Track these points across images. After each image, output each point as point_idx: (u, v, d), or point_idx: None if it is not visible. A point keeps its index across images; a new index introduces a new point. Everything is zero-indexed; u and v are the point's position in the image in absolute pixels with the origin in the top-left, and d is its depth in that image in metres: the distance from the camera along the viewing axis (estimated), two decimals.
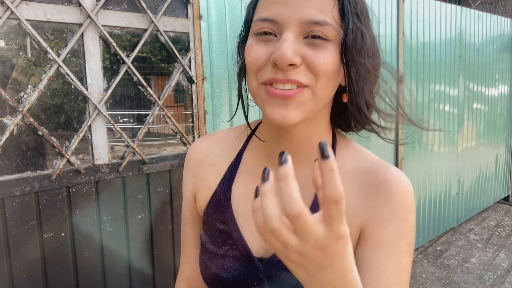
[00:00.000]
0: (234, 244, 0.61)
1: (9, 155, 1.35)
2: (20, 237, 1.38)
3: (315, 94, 0.52)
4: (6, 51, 1.31)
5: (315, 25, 0.49)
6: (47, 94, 1.40)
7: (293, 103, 0.51)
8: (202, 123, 1.81)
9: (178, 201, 1.80)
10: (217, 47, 1.83)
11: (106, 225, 1.58)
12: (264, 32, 0.51)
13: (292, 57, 0.48)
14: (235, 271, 0.60)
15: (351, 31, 0.50)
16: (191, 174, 0.71)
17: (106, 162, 1.56)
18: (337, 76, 0.53)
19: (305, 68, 0.50)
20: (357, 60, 0.51)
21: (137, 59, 1.61)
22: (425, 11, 3.11)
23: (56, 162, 1.44)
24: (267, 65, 0.51)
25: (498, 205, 4.61)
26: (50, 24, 1.38)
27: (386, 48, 2.75)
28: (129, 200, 1.64)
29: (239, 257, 0.60)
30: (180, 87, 1.76)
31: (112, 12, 1.51)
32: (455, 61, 3.53)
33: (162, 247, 1.76)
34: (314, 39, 0.49)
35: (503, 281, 2.84)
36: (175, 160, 1.75)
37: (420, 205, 3.32)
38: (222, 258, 0.61)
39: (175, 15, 1.70)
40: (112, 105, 1.57)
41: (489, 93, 4.13)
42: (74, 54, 1.45)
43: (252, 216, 0.37)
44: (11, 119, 1.32)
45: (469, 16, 3.64)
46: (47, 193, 1.42)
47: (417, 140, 3.18)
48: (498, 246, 3.47)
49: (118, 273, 1.63)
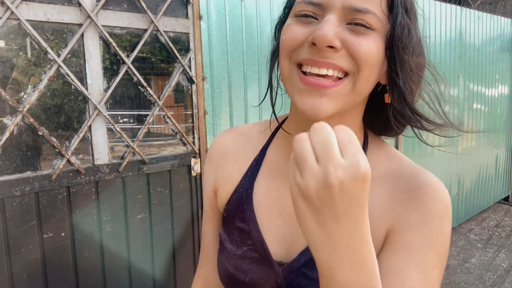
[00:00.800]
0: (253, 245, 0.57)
1: (9, 155, 1.35)
2: (20, 237, 1.38)
3: (356, 86, 0.48)
4: (6, 51, 1.32)
5: (358, 13, 0.46)
6: (47, 94, 1.41)
7: (328, 93, 0.47)
8: (202, 123, 1.81)
9: (178, 201, 1.80)
10: (217, 47, 1.83)
11: (106, 225, 1.58)
12: (306, 15, 0.48)
13: (333, 38, 0.44)
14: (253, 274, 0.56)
15: (399, 24, 0.47)
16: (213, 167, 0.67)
17: (106, 162, 1.56)
18: (380, 69, 0.49)
19: (346, 54, 0.46)
20: (402, 56, 0.48)
21: (137, 59, 1.61)
22: (425, 11, 3.11)
23: (56, 162, 1.45)
24: (303, 46, 0.48)
25: (498, 205, 4.60)
26: (50, 24, 1.39)
27: None
28: (129, 200, 1.64)
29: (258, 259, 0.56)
30: (180, 87, 1.76)
31: (112, 12, 1.51)
32: (455, 61, 3.53)
33: (162, 247, 1.76)
34: (357, 26, 0.46)
35: (503, 281, 2.85)
36: (175, 160, 1.75)
37: None
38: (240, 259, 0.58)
39: (175, 15, 1.70)
40: (112, 105, 1.57)
41: (489, 93, 4.13)
42: (74, 54, 1.45)
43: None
44: (11, 119, 1.33)
45: (469, 16, 3.64)
46: (47, 193, 1.42)
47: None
48: (498, 246, 3.47)
49: (118, 273, 1.63)
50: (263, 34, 2.00)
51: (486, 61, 3.99)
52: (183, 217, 1.82)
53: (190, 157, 1.81)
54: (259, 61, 2.00)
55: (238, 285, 0.58)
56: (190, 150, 1.82)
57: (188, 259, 1.87)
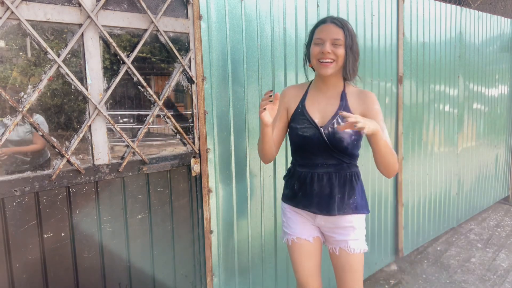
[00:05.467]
0: (307, 121, 1.52)
1: (9, 155, 1.35)
2: (20, 237, 1.38)
3: (337, 64, 1.45)
4: (6, 51, 1.32)
5: (335, 40, 1.43)
6: (47, 94, 1.41)
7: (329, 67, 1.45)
8: (202, 123, 1.81)
9: (178, 201, 1.80)
10: (217, 47, 1.83)
11: (106, 225, 1.58)
12: (318, 43, 1.45)
13: (329, 50, 1.42)
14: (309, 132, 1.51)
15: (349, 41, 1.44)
16: (286, 98, 1.61)
17: (106, 162, 1.56)
18: (343, 58, 1.45)
19: (333, 54, 1.43)
20: (350, 53, 1.45)
21: (137, 59, 1.61)
22: (425, 11, 3.11)
23: (56, 162, 1.45)
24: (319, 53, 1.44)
25: (498, 205, 4.61)
26: (50, 24, 1.39)
27: (386, 48, 2.75)
28: (129, 200, 1.64)
29: (311, 127, 1.51)
30: (180, 87, 1.76)
31: (112, 12, 1.51)
32: (455, 61, 3.53)
33: (162, 247, 1.76)
34: (336, 45, 1.43)
35: (503, 281, 2.85)
36: (175, 160, 1.75)
37: (420, 205, 3.32)
38: (303, 128, 1.52)
39: (175, 15, 1.70)
40: (112, 105, 1.57)
41: (489, 93, 4.13)
42: (74, 54, 1.45)
43: None
44: (11, 119, 1.33)
45: (469, 16, 3.64)
46: (47, 193, 1.42)
47: (417, 139, 3.18)
48: (498, 246, 3.47)
49: (118, 273, 1.63)
50: (263, 34, 2.00)
51: (486, 61, 3.99)
52: (183, 217, 1.82)
53: (190, 157, 1.81)
54: (259, 61, 2.00)
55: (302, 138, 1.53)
56: (190, 150, 1.82)
57: (188, 259, 1.87)
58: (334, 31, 1.42)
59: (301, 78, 2.19)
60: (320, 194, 1.54)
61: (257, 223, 2.11)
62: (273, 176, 2.15)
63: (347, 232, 1.55)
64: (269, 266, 2.20)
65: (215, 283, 1.95)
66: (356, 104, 1.50)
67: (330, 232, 1.59)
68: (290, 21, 2.11)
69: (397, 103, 2.90)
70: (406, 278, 2.91)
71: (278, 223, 2.21)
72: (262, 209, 2.12)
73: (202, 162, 1.83)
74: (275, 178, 2.16)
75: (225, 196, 1.95)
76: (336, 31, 1.42)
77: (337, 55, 1.42)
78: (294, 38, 2.14)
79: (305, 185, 1.57)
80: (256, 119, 2.02)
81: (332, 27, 1.43)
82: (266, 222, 2.15)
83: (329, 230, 1.59)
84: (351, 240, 1.54)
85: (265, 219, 2.14)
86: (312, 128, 1.50)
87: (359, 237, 1.56)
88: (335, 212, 1.52)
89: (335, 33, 1.42)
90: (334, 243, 1.59)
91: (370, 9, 2.59)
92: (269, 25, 2.02)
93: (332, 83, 1.52)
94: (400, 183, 3.02)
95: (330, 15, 2.33)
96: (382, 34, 2.70)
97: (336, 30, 1.42)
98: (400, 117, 2.93)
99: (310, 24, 2.20)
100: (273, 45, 2.05)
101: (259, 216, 2.11)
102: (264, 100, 1.38)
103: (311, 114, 1.52)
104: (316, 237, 1.64)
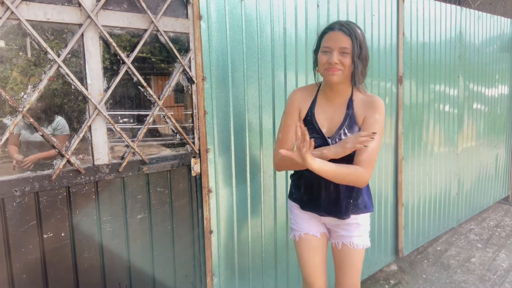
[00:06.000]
0: (316, 132, 1.53)
1: (9, 155, 1.35)
2: (20, 237, 1.38)
3: (344, 72, 1.43)
4: (6, 51, 1.32)
5: (343, 49, 1.40)
6: (47, 94, 1.41)
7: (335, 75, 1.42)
8: (202, 123, 1.81)
9: (178, 201, 1.80)
10: (217, 47, 1.83)
11: (106, 225, 1.58)
12: (325, 51, 1.44)
13: (336, 60, 1.40)
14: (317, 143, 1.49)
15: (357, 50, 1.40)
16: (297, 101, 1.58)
17: (106, 162, 1.56)
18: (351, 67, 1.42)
19: (340, 64, 1.41)
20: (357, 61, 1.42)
21: (137, 59, 1.61)
22: (425, 11, 3.11)
23: (56, 162, 1.45)
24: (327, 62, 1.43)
25: (498, 205, 4.61)
26: (50, 24, 1.39)
27: (386, 48, 2.75)
28: (129, 200, 1.64)
29: (319, 137, 1.51)
30: (180, 87, 1.76)
31: (112, 12, 1.51)
32: (455, 61, 3.53)
33: (162, 247, 1.76)
34: (344, 53, 1.41)
35: (503, 281, 2.85)
36: (175, 160, 1.75)
37: (420, 205, 3.32)
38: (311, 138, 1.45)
39: (175, 15, 1.70)
40: (112, 105, 1.57)
41: (489, 93, 4.13)
42: (74, 54, 1.45)
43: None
44: (11, 119, 1.33)
45: (469, 16, 3.64)
46: (47, 193, 1.42)
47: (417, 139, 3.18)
48: (498, 246, 3.47)
49: (118, 273, 1.63)
50: (263, 34, 2.00)
51: (486, 61, 3.99)
52: (183, 217, 1.82)
53: (190, 157, 1.81)
54: (259, 61, 2.00)
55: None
56: (190, 150, 1.82)
57: (188, 259, 1.87)
58: (342, 40, 1.38)
59: (301, 78, 2.19)
60: (328, 199, 1.57)
61: (257, 223, 2.11)
62: (273, 176, 2.15)
63: (352, 229, 1.60)
64: (269, 266, 2.20)
65: (215, 283, 1.95)
66: (362, 111, 1.49)
67: (335, 227, 1.64)
68: (290, 21, 2.11)
69: (397, 103, 2.90)
70: (406, 278, 2.91)
71: (278, 223, 2.21)
72: (262, 209, 2.12)
73: (202, 162, 1.83)
74: (275, 178, 2.16)
75: (225, 196, 1.95)
76: (344, 40, 1.38)
77: (344, 65, 1.40)
78: (294, 38, 2.14)
79: (312, 190, 1.60)
80: (256, 119, 2.02)
81: (340, 35, 1.39)
82: (266, 222, 2.15)
83: (335, 226, 1.64)
84: (355, 237, 1.59)
85: (265, 219, 2.14)
86: (320, 139, 1.50)
87: (363, 234, 1.61)
88: (344, 215, 1.56)
89: (342, 41, 1.38)
90: (338, 238, 1.64)
91: (370, 9, 2.59)
92: (269, 25, 2.02)
93: (340, 90, 1.50)
94: (400, 183, 3.02)
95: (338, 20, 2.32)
96: (382, 34, 2.70)
97: (344, 38, 1.38)
98: (400, 117, 2.93)
99: (310, 24, 2.20)
100: (273, 45, 2.05)
101: (259, 216, 2.11)
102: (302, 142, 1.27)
103: (319, 123, 1.53)
104: (322, 233, 1.68)
